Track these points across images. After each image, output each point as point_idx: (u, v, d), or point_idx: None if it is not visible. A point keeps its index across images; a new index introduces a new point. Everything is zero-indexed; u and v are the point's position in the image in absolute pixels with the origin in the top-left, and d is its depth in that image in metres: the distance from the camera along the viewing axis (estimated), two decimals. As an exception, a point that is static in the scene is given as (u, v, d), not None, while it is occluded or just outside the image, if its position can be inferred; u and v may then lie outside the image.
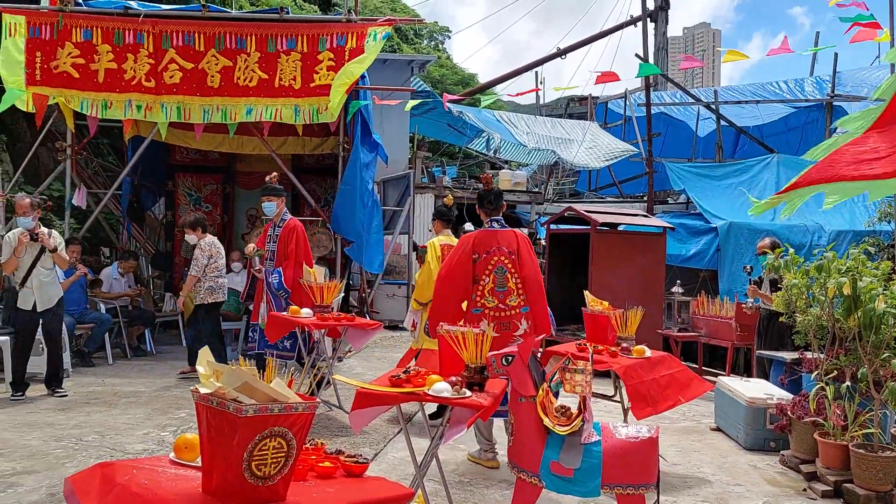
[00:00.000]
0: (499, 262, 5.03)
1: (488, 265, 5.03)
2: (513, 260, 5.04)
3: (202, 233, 7.61)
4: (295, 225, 6.70)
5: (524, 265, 5.05)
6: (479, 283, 5.02)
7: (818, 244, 9.87)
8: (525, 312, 5.01)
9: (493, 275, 5.01)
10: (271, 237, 6.73)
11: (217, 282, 7.57)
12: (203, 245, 7.52)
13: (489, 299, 5.00)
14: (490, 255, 5.04)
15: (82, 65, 8.54)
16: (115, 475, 2.21)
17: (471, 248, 5.04)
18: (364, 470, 2.50)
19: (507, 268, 5.03)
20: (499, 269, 5.03)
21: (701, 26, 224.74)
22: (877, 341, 4.77)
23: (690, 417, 6.80)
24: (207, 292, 7.51)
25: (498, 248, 5.06)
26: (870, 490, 4.45)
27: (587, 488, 3.24)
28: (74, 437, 5.32)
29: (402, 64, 14.88)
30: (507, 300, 5.00)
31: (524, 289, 5.03)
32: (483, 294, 5.00)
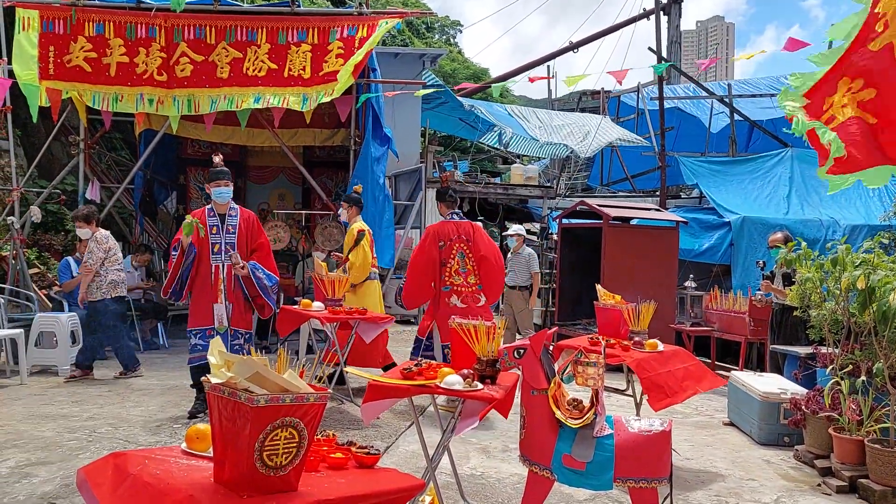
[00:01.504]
0: (459, 248, 6.33)
1: (452, 250, 6.30)
2: (469, 246, 6.33)
3: (95, 226, 7.28)
4: (251, 214, 5.96)
5: (479, 249, 6.33)
6: (447, 265, 6.28)
7: (833, 238, 9.77)
8: (481, 289, 6.33)
9: (457, 258, 6.30)
10: (218, 227, 5.69)
11: (119, 275, 7.33)
12: (99, 238, 7.22)
13: (456, 278, 6.29)
14: (453, 242, 6.31)
15: (94, 59, 8.57)
16: (128, 465, 2.21)
17: (435, 237, 6.29)
18: (376, 461, 2.50)
19: (465, 253, 6.34)
20: (460, 254, 6.33)
21: (714, 20, 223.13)
22: (892, 336, 4.72)
23: (703, 412, 6.76)
24: (110, 286, 7.21)
25: (458, 237, 6.34)
26: (886, 485, 4.40)
27: (599, 481, 3.22)
28: (88, 428, 5.35)
29: (413, 58, 14.88)
30: (468, 279, 6.31)
31: (478, 269, 6.33)
32: (451, 274, 6.28)
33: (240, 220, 5.76)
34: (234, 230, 5.70)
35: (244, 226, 5.76)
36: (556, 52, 20.27)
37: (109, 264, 7.23)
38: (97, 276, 7.18)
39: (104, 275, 7.20)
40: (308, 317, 6.14)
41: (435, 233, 6.37)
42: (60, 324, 7.42)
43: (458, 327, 3.69)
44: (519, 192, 16.10)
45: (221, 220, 5.70)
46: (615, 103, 19.30)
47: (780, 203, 11.50)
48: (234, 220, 5.75)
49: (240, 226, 5.73)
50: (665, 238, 9.43)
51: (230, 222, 5.73)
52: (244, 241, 5.74)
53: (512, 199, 16.52)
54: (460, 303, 6.29)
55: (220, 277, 5.64)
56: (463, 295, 6.29)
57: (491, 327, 3.63)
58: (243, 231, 5.74)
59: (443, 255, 6.29)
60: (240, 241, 5.71)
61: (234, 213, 5.77)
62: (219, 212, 5.71)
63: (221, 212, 5.72)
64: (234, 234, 5.69)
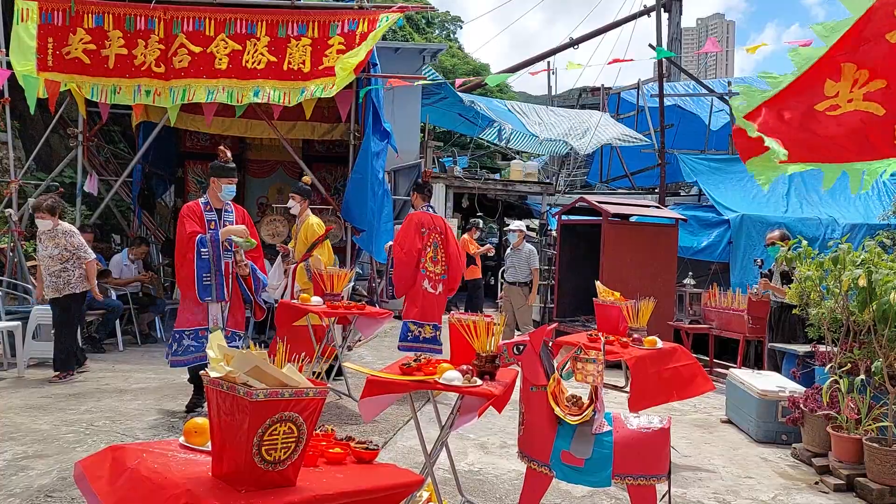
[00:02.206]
0: (434, 238, 6.76)
1: (429, 239, 6.73)
2: (442, 239, 6.80)
3: (59, 219, 6.88)
4: (244, 211, 5.76)
5: (449, 244, 6.86)
6: (424, 252, 6.71)
7: (832, 237, 9.77)
8: (444, 279, 6.83)
9: (432, 247, 6.74)
10: (216, 223, 5.45)
11: (83, 270, 6.96)
12: (70, 230, 6.89)
13: (430, 265, 6.73)
14: (430, 231, 6.75)
15: (93, 51, 8.53)
16: (126, 459, 2.20)
17: (418, 224, 6.70)
18: (374, 456, 2.49)
19: (439, 243, 6.80)
20: (434, 243, 6.77)
21: (715, 17, 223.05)
22: (892, 334, 4.73)
23: (702, 410, 6.77)
24: (79, 280, 6.88)
25: (434, 227, 6.79)
26: (883, 484, 4.41)
27: (598, 478, 3.22)
28: (85, 421, 5.34)
29: (413, 53, 14.83)
30: (436, 268, 6.77)
31: (447, 261, 6.82)
32: (427, 261, 6.72)
33: (236, 216, 5.54)
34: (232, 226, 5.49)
35: (240, 222, 5.55)
36: (556, 49, 20.22)
37: (77, 259, 6.89)
38: (65, 272, 6.80)
39: (72, 270, 6.84)
40: (307, 311, 6.12)
41: (418, 220, 6.75)
42: (58, 317, 7.38)
43: (458, 323, 3.67)
44: (518, 188, 16.09)
45: (218, 216, 5.44)
46: (615, 100, 19.27)
47: (779, 201, 11.50)
48: (231, 217, 5.51)
49: (236, 222, 5.52)
50: (664, 235, 9.43)
51: (227, 218, 5.48)
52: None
53: (511, 195, 16.51)
54: (430, 287, 6.74)
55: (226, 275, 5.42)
56: (433, 281, 6.76)
57: (489, 323, 3.62)
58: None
59: (423, 242, 6.72)
60: None
61: (230, 209, 5.53)
62: (215, 206, 5.46)
63: (218, 207, 5.47)
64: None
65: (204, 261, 5.19)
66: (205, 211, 5.44)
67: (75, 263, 6.87)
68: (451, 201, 15.23)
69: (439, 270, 6.82)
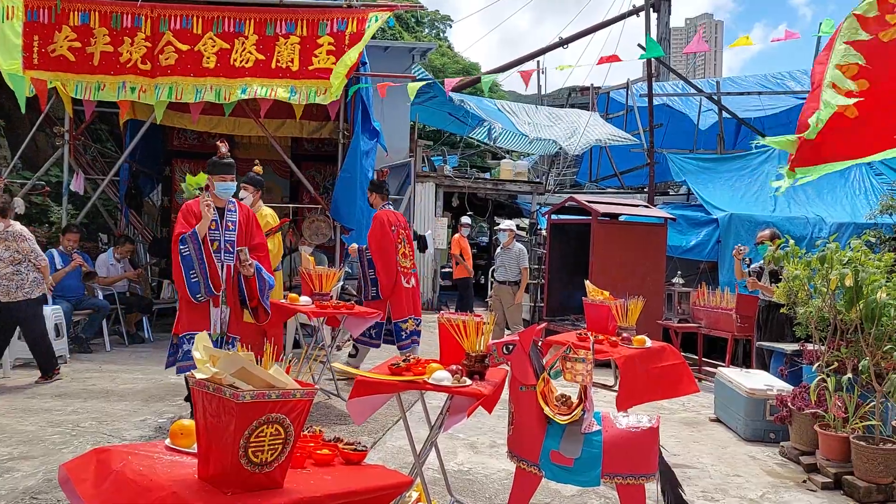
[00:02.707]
0: (402, 234, 6.97)
1: (399, 236, 6.92)
2: (406, 234, 7.05)
3: (10, 220, 6.59)
4: (249, 210, 5.43)
5: (410, 237, 7.16)
6: (398, 248, 6.88)
7: (819, 236, 9.83)
8: (414, 272, 7.06)
9: (402, 243, 6.94)
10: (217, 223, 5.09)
11: (38, 273, 6.67)
12: (20, 234, 6.54)
13: (402, 261, 6.92)
14: (398, 228, 6.94)
15: (78, 48, 8.45)
16: (111, 461, 2.18)
17: (388, 223, 6.84)
18: (363, 458, 2.47)
19: (406, 238, 7.02)
20: (402, 239, 6.97)
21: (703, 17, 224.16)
22: (879, 333, 4.75)
23: (690, 408, 6.79)
24: (34, 284, 6.60)
25: (399, 224, 7.00)
26: (870, 482, 4.43)
27: (587, 478, 3.22)
28: (71, 422, 5.29)
29: (403, 52, 14.80)
30: (406, 262, 6.98)
31: (412, 254, 7.11)
32: (399, 257, 6.89)
33: (239, 216, 5.22)
34: (234, 227, 5.15)
35: (243, 222, 5.23)
36: (545, 48, 20.24)
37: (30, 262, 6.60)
38: (17, 275, 6.49)
39: (26, 273, 6.54)
40: (295, 311, 6.10)
41: (387, 219, 6.88)
42: (44, 317, 7.32)
43: (448, 323, 3.66)
44: (508, 187, 16.10)
45: (220, 216, 5.11)
46: (604, 99, 19.32)
47: (768, 201, 11.56)
48: (234, 216, 5.19)
49: (239, 222, 5.19)
50: (653, 234, 9.45)
51: (230, 218, 5.16)
52: (243, 239, 5.21)
53: (501, 194, 16.51)
54: (406, 283, 6.93)
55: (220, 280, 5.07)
56: (406, 276, 6.95)
57: (479, 323, 3.61)
58: (243, 228, 5.21)
59: (395, 240, 6.89)
60: (239, 239, 5.15)
61: (234, 209, 5.22)
62: (217, 205, 5.14)
63: (220, 206, 5.15)
64: (233, 230, 5.12)
65: (186, 258, 4.92)
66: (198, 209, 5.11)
67: (29, 266, 6.56)
68: (441, 200, 15.22)
69: (409, 264, 7.02)
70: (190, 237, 4.94)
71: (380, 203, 7.14)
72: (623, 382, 4.62)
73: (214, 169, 5.11)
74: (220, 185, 5.11)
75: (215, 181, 5.11)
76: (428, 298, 14.72)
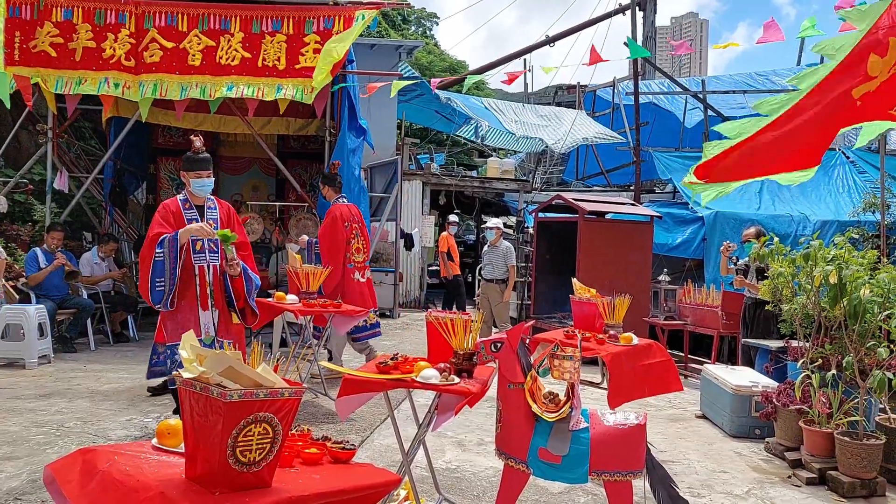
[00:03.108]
0: (355, 228, 6.97)
1: (352, 231, 6.92)
2: (360, 227, 7.06)
3: None
4: (230, 207, 5.18)
5: (363, 229, 7.13)
6: (350, 244, 6.89)
7: (803, 234, 9.92)
8: (367, 265, 7.12)
9: (355, 238, 6.93)
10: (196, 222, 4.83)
11: None
12: None
13: (355, 256, 6.94)
14: (351, 223, 6.94)
15: (60, 44, 8.37)
16: (97, 462, 2.16)
17: (342, 218, 6.83)
18: (351, 456, 2.47)
19: (359, 232, 7.03)
20: (356, 233, 6.97)
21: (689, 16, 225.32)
22: (862, 330, 4.79)
23: (676, 405, 6.82)
24: None
25: (352, 218, 6.98)
26: (854, 477, 4.48)
27: (575, 475, 3.22)
28: (56, 423, 5.25)
29: (389, 49, 14.78)
30: (359, 256, 7.00)
31: (366, 246, 7.13)
32: (353, 253, 6.91)
33: (220, 213, 4.97)
34: (216, 225, 4.89)
35: (225, 220, 4.98)
36: (532, 46, 20.27)
37: None
38: None
39: None
40: (282, 309, 6.07)
41: (341, 215, 6.86)
42: (28, 316, 7.26)
43: (435, 321, 3.66)
44: (495, 185, 16.12)
45: (200, 214, 4.88)
46: (591, 98, 19.37)
47: (752, 199, 11.65)
48: (215, 214, 4.94)
49: (221, 220, 4.95)
50: (640, 232, 9.49)
51: (210, 216, 4.92)
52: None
53: (488, 192, 16.53)
54: (361, 277, 7.00)
55: (206, 280, 4.83)
56: (360, 270, 7.00)
57: (467, 321, 3.61)
58: (225, 226, 4.94)
59: (348, 235, 6.88)
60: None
61: (214, 206, 4.97)
62: (196, 203, 4.91)
63: (199, 203, 4.92)
64: (216, 228, 4.87)
65: (158, 263, 4.63)
66: (184, 209, 4.89)
67: None
68: (428, 199, 15.21)
69: (362, 258, 7.05)
70: (169, 242, 4.64)
71: (333, 196, 7.08)
72: (612, 380, 4.64)
73: (190, 165, 4.84)
74: (196, 182, 4.85)
75: (191, 178, 4.84)
76: (415, 297, 14.71)
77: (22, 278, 8.47)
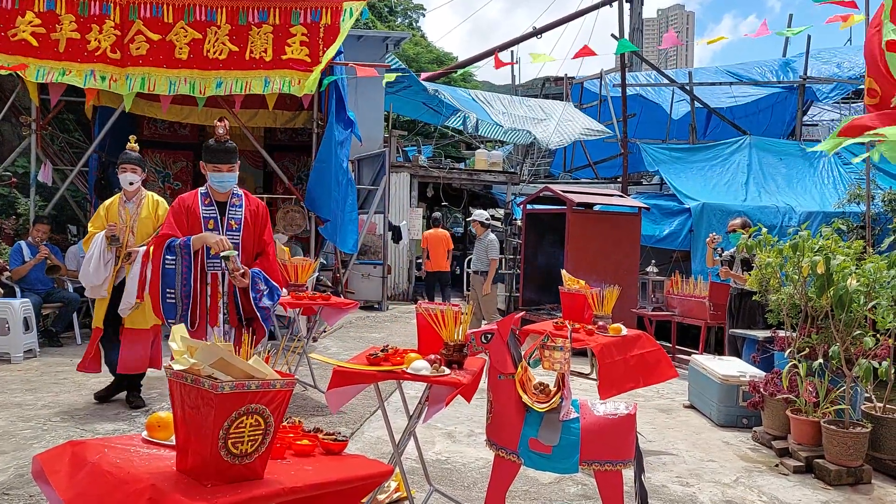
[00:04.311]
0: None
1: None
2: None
3: None
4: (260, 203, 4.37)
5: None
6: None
7: (789, 224, 9.99)
8: None
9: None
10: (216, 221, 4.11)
11: None
12: None
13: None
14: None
15: (42, 34, 8.25)
16: (86, 454, 2.14)
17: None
18: (343, 448, 2.46)
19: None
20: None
21: (675, 8, 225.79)
22: (848, 319, 4.84)
23: (665, 395, 6.87)
24: None
25: None
26: (840, 465, 4.53)
27: (565, 465, 3.24)
28: (42, 417, 5.20)
29: (377, 41, 14.71)
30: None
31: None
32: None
33: (245, 212, 4.13)
34: (239, 226, 4.11)
35: (251, 220, 4.13)
36: (519, 38, 20.23)
37: None
38: None
39: None
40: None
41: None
42: (12, 310, 7.19)
43: (426, 313, 3.66)
44: (483, 177, 16.11)
45: (221, 211, 4.10)
46: (578, 90, 19.39)
47: (739, 190, 11.72)
48: (239, 213, 4.12)
49: (245, 220, 4.11)
50: (627, 224, 9.53)
51: (233, 215, 4.11)
52: (251, 242, 4.15)
53: (476, 184, 16.52)
54: None
55: (218, 291, 4.06)
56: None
57: (458, 312, 3.62)
58: (250, 227, 4.13)
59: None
60: (245, 241, 4.11)
61: (239, 203, 4.15)
62: (217, 199, 4.11)
63: (221, 200, 4.12)
64: (238, 230, 4.10)
65: (168, 272, 3.96)
66: (202, 205, 4.11)
67: None
68: (416, 191, 15.19)
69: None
70: (181, 248, 3.94)
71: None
72: (602, 371, 4.66)
73: (209, 155, 4.07)
74: (215, 176, 4.06)
75: (210, 171, 4.07)
76: (403, 289, 14.71)
77: (6, 272, 8.38)
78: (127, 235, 5.58)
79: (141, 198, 5.76)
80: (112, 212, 5.71)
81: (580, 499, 4.10)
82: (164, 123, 11.71)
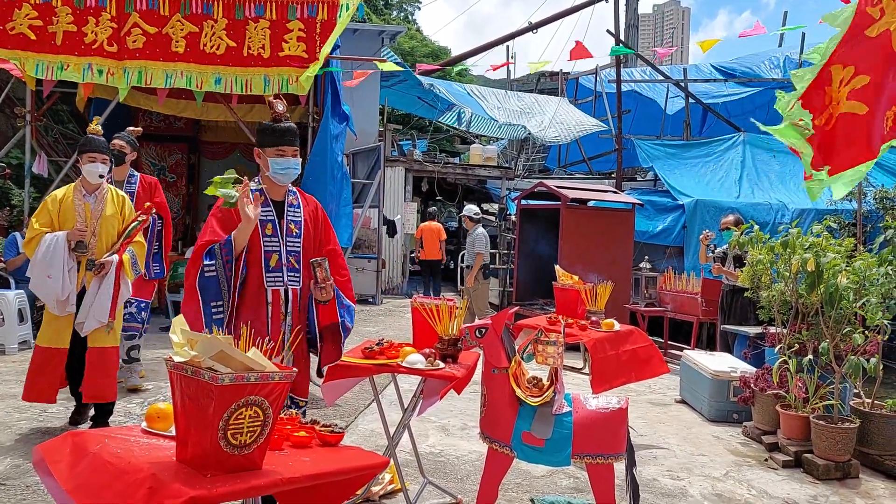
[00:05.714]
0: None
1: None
2: None
3: None
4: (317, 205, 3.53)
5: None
6: None
7: (781, 222, 10.05)
8: None
9: None
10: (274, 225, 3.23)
11: None
12: None
13: None
14: None
15: (40, 27, 8.22)
16: (87, 444, 2.17)
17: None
18: (340, 439, 2.50)
19: None
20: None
21: (671, 3, 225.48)
22: (838, 316, 4.90)
23: (656, 390, 6.93)
24: None
25: None
26: (829, 460, 4.59)
27: (558, 458, 3.29)
28: (39, 408, 5.22)
29: (372, 34, 14.70)
30: None
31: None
32: None
33: (304, 214, 3.34)
34: (300, 230, 3.29)
35: (311, 222, 3.35)
36: (515, 33, 20.22)
37: None
38: None
39: None
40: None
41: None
42: (7, 301, 7.20)
43: (420, 307, 3.70)
44: (478, 172, 16.14)
45: (279, 213, 3.27)
46: (573, 85, 19.42)
47: (732, 187, 11.78)
48: (298, 214, 3.32)
49: (306, 223, 3.32)
50: (621, 220, 9.58)
51: (293, 216, 3.30)
52: (311, 250, 3.31)
53: (471, 179, 16.55)
54: None
55: (280, 311, 3.21)
56: None
57: (452, 307, 3.66)
58: (310, 231, 3.34)
59: None
60: (306, 249, 3.29)
61: (296, 202, 3.34)
62: (274, 198, 3.27)
63: (278, 198, 3.28)
64: (298, 236, 3.28)
65: (208, 281, 3.03)
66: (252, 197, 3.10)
67: None
68: (411, 185, 15.21)
69: None
70: (222, 249, 3.05)
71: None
72: (595, 366, 4.71)
73: (271, 138, 3.23)
74: (279, 162, 3.21)
75: (270, 157, 3.22)
76: (397, 283, 14.74)
77: (0, 263, 8.37)
78: (89, 238, 4.68)
79: (103, 192, 4.83)
80: (67, 207, 4.71)
81: (572, 491, 4.15)
82: (160, 116, 11.69)
